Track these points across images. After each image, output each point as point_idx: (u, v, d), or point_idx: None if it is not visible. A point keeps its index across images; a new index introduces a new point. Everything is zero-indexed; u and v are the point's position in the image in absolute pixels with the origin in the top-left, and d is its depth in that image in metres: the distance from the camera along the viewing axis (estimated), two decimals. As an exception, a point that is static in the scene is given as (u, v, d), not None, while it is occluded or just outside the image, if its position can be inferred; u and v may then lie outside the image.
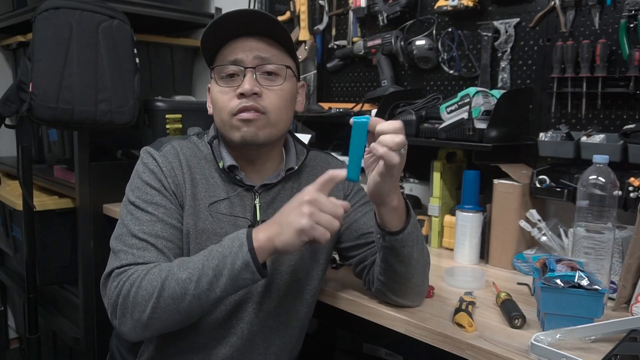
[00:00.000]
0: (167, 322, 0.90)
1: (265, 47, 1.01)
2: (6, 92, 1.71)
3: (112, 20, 1.73)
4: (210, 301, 0.88)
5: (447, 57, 1.63)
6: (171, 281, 0.88)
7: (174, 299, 0.87)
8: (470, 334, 0.95)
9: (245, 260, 0.86)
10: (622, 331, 0.87)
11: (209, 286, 0.87)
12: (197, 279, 0.87)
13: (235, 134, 1.01)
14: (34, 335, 1.91)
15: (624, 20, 1.26)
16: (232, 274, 0.86)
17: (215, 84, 1.03)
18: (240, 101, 0.99)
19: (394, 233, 0.96)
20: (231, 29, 1.00)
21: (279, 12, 2.07)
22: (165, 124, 1.94)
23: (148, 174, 1.01)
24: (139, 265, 0.93)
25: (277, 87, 1.02)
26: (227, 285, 0.87)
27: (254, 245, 0.86)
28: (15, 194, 2.11)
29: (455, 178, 1.54)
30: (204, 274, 0.87)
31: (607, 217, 1.08)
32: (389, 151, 0.85)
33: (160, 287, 0.88)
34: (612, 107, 1.32)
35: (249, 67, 0.99)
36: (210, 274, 0.86)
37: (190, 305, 0.87)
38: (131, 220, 0.97)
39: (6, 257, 2.65)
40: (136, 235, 0.95)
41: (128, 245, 0.95)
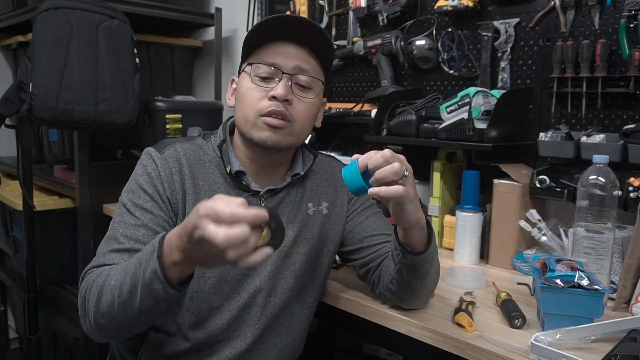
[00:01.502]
0: (111, 328, 0.88)
1: (306, 58, 1.01)
2: (6, 92, 1.71)
3: (112, 20, 1.73)
4: (135, 310, 0.82)
5: (447, 57, 1.63)
6: (106, 287, 0.86)
7: (108, 305, 0.85)
8: (470, 334, 0.95)
9: (153, 269, 0.77)
10: (622, 331, 0.87)
11: (129, 295, 0.81)
12: (120, 287, 0.83)
13: (257, 134, 0.99)
14: (34, 335, 1.91)
15: (624, 20, 1.26)
16: (144, 284, 0.79)
17: (248, 80, 1.01)
18: (271, 103, 0.98)
19: (416, 253, 0.95)
20: (278, 31, 0.99)
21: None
22: (165, 124, 1.94)
23: (145, 177, 1.00)
24: (105, 267, 0.92)
25: (308, 99, 1.02)
26: (142, 295, 0.80)
27: (165, 259, 0.77)
28: (15, 194, 2.11)
29: (455, 178, 1.54)
30: (125, 282, 0.82)
31: (607, 217, 1.08)
32: (388, 189, 0.84)
33: (99, 292, 0.86)
34: (612, 107, 1.32)
35: (286, 73, 0.99)
36: (129, 282, 0.82)
37: (120, 313, 0.84)
38: (119, 222, 0.97)
39: (6, 257, 2.64)
40: (117, 239, 0.95)
41: (108, 246, 0.95)
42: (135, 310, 0.82)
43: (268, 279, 1.03)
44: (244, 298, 1.02)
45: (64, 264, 2.12)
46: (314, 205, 1.10)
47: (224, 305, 1.01)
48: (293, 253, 1.06)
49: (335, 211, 1.13)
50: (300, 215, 1.08)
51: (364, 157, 0.87)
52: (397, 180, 0.85)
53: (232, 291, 1.02)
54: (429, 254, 0.96)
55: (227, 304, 1.01)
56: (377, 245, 1.10)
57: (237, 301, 1.02)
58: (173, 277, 0.79)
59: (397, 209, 0.89)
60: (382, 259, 1.07)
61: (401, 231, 0.95)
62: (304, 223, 1.08)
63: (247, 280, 1.02)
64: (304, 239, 1.08)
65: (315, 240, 1.09)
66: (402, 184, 0.85)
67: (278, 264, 1.04)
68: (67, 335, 2.01)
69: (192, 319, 1.00)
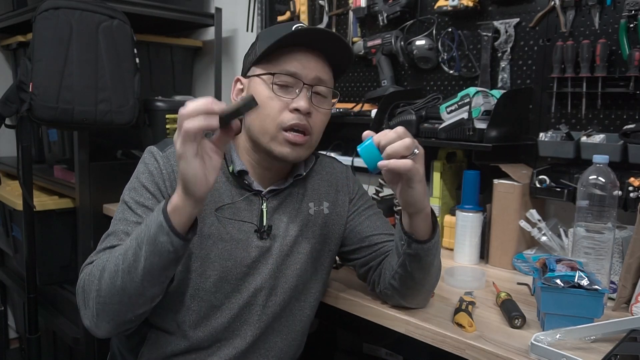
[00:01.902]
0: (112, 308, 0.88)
1: (324, 68, 1.01)
2: (6, 92, 1.71)
3: (112, 20, 1.73)
4: (139, 274, 0.84)
5: (447, 57, 1.63)
6: (109, 262, 0.87)
7: (111, 277, 0.86)
8: (470, 334, 0.95)
9: (158, 222, 0.82)
10: (622, 331, 0.87)
11: (134, 257, 0.84)
12: (124, 252, 0.86)
13: (277, 149, 0.99)
14: (34, 335, 1.91)
15: (624, 20, 1.26)
16: (150, 240, 0.83)
17: (265, 87, 0.99)
18: (293, 116, 0.97)
19: (422, 241, 0.95)
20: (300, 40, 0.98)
21: (279, 12, 2.07)
22: (165, 124, 1.94)
23: (147, 175, 1.00)
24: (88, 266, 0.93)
25: (324, 109, 1.03)
26: (148, 253, 0.83)
27: (168, 208, 0.83)
28: (15, 194, 2.11)
29: (455, 178, 1.54)
30: (130, 246, 0.85)
31: (607, 217, 1.08)
32: (397, 161, 0.85)
33: (101, 269, 0.88)
34: (612, 107, 1.32)
35: (307, 84, 0.99)
36: (134, 245, 0.85)
37: (123, 282, 0.85)
38: (120, 220, 0.97)
39: (6, 257, 2.64)
40: (117, 235, 0.95)
41: (107, 242, 0.95)
42: (139, 273, 0.84)
43: (269, 278, 1.03)
44: (244, 297, 1.02)
45: (64, 264, 2.12)
46: (315, 205, 1.10)
47: (225, 304, 1.01)
48: (294, 252, 1.06)
49: (337, 211, 1.13)
50: (302, 215, 1.08)
51: (379, 134, 0.88)
52: (408, 155, 0.86)
53: (233, 290, 1.01)
54: (434, 242, 0.97)
55: (227, 302, 1.01)
56: (377, 244, 1.10)
57: (237, 300, 1.02)
58: (177, 226, 0.82)
59: (405, 188, 0.90)
60: (383, 258, 1.07)
61: (407, 219, 0.96)
62: (305, 223, 1.08)
63: (248, 278, 1.02)
64: (305, 238, 1.08)
65: (317, 239, 1.10)
66: (412, 160, 0.86)
67: (279, 263, 1.04)
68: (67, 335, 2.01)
69: (193, 318, 1.00)
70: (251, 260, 1.02)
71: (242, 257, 1.01)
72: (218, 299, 1.01)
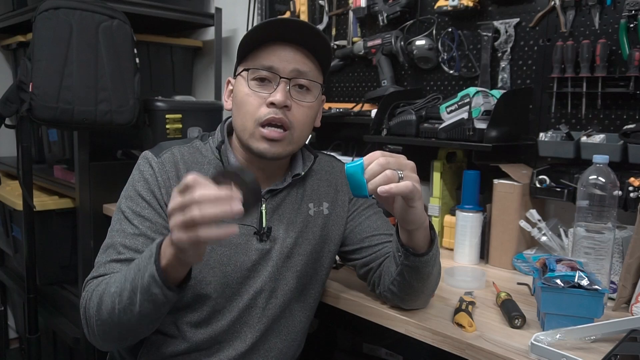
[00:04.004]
0: (114, 334, 0.90)
1: (303, 60, 0.98)
2: (6, 92, 1.71)
3: (112, 20, 1.73)
4: (135, 316, 0.84)
5: (447, 57, 1.63)
6: (105, 295, 0.87)
7: (109, 313, 0.87)
8: (470, 334, 0.95)
9: (151, 274, 0.80)
10: (622, 331, 0.87)
11: (129, 300, 0.83)
12: (120, 292, 0.85)
13: (255, 145, 0.98)
14: (34, 335, 1.91)
15: (624, 20, 1.26)
16: (143, 289, 0.81)
17: (244, 84, 0.99)
18: (269, 111, 0.96)
19: (420, 254, 0.95)
20: (274, 33, 0.97)
21: (279, 12, 2.07)
22: (165, 124, 1.94)
23: (142, 183, 0.99)
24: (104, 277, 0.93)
25: (307, 103, 1.00)
26: (142, 300, 0.82)
27: (162, 262, 0.79)
28: (15, 194, 2.11)
29: (455, 178, 1.54)
30: (125, 288, 0.84)
31: (607, 217, 1.08)
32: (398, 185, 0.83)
33: (98, 301, 0.88)
34: (612, 107, 1.32)
35: (284, 77, 0.97)
36: (129, 288, 0.83)
37: (121, 319, 0.86)
38: (117, 231, 0.97)
39: (6, 257, 2.64)
40: (116, 248, 0.95)
41: (107, 256, 0.95)
42: (135, 315, 0.84)
43: (269, 280, 1.03)
44: (245, 300, 1.02)
45: (64, 264, 2.12)
46: (315, 206, 1.10)
47: (226, 307, 1.01)
48: (294, 254, 1.06)
49: (336, 211, 1.12)
50: (301, 215, 1.07)
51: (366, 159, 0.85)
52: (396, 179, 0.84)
53: (234, 293, 1.01)
54: (432, 255, 0.96)
55: (228, 306, 1.01)
56: (378, 245, 1.09)
57: (238, 303, 1.01)
58: (170, 279, 0.81)
59: (405, 208, 0.88)
60: (383, 259, 1.07)
61: (404, 233, 0.94)
62: (305, 224, 1.08)
63: (249, 282, 1.02)
64: (305, 239, 1.07)
65: (317, 240, 1.09)
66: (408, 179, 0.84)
67: (279, 264, 1.04)
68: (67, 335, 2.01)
69: (193, 321, 1.00)
70: (251, 263, 1.01)
71: (242, 261, 1.01)
72: (219, 303, 1.01)
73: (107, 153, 2.12)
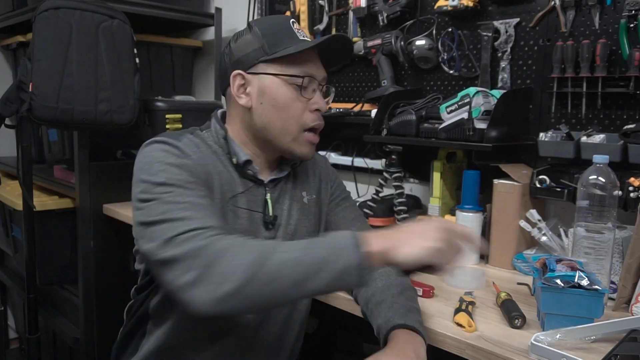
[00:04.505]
0: (248, 303, 0.79)
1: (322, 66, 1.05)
2: (6, 92, 1.71)
3: (112, 20, 1.73)
4: (301, 292, 0.79)
5: (447, 57, 1.63)
6: (266, 261, 0.78)
7: (266, 279, 0.77)
8: (470, 334, 0.95)
9: (357, 262, 0.77)
10: (622, 331, 0.87)
11: (305, 276, 0.77)
12: (296, 265, 0.77)
13: (299, 149, 1.03)
14: (34, 335, 1.91)
15: (624, 20, 1.26)
16: (336, 272, 0.77)
17: (287, 88, 1.00)
18: (315, 117, 1.02)
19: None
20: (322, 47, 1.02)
21: (278, 12, 2.07)
22: (165, 124, 1.94)
23: (174, 158, 0.93)
24: (211, 230, 0.82)
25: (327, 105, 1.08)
26: (326, 281, 0.77)
27: (368, 250, 0.78)
28: (15, 194, 2.11)
29: (455, 178, 1.54)
30: (308, 263, 0.78)
31: (607, 217, 1.08)
32: None
33: (252, 263, 0.77)
34: (612, 107, 1.32)
35: (320, 84, 1.04)
36: (315, 266, 0.77)
37: (281, 290, 0.78)
38: (171, 197, 0.87)
39: (6, 257, 2.64)
40: (186, 207, 0.85)
41: (183, 212, 0.84)
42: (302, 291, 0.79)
43: None
44: None
45: (64, 264, 2.12)
46: (308, 194, 1.13)
47: None
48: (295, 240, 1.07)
49: (321, 199, 1.16)
50: (299, 203, 1.10)
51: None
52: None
53: None
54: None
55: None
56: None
57: None
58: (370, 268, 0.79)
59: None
60: None
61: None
62: (301, 211, 1.10)
63: None
64: (303, 227, 1.10)
65: (313, 228, 1.12)
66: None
67: None
68: (67, 335, 2.01)
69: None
70: None
71: None
72: None
73: (107, 153, 2.12)
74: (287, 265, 0.78)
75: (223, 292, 0.77)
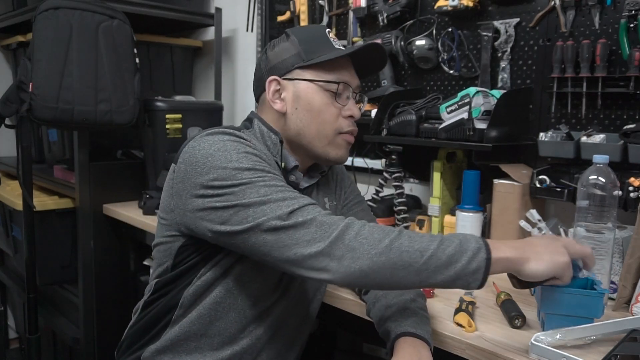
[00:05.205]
0: (376, 281, 0.83)
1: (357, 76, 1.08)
2: (6, 92, 1.71)
3: (112, 20, 1.73)
4: (424, 283, 0.83)
5: (447, 57, 1.63)
6: (397, 245, 0.81)
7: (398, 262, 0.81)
8: (470, 334, 0.95)
9: (478, 266, 0.80)
10: (622, 331, 0.87)
11: (435, 269, 0.80)
12: (428, 257, 0.80)
13: (334, 151, 1.05)
14: (34, 335, 1.91)
15: (624, 20, 1.26)
16: (459, 271, 0.80)
17: (322, 94, 1.02)
18: (349, 123, 1.05)
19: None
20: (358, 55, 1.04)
21: (278, 12, 2.07)
22: (165, 124, 1.94)
23: (249, 148, 0.93)
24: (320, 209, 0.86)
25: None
26: (449, 277, 0.81)
27: (492, 256, 0.81)
28: (15, 194, 2.11)
29: (455, 178, 1.54)
30: (436, 256, 0.81)
31: (607, 217, 1.08)
32: None
33: (386, 244, 0.81)
34: (612, 107, 1.32)
35: (355, 92, 1.06)
36: (444, 259, 0.80)
37: (405, 276, 0.81)
38: (265, 181, 0.87)
39: (6, 257, 2.65)
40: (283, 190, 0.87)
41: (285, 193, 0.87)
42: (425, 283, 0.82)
43: None
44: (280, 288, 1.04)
45: (64, 264, 2.12)
46: (329, 200, 1.15)
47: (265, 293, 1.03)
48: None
49: (338, 205, 1.18)
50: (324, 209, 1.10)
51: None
52: None
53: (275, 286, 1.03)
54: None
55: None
56: None
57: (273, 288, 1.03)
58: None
59: None
60: None
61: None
62: None
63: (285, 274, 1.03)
64: None
65: None
66: None
67: None
68: (67, 335, 2.01)
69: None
70: None
71: None
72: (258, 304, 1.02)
73: (107, 153, 2.12)
74: (417, 255, 0.81)
75: (357, 269, 0.81)
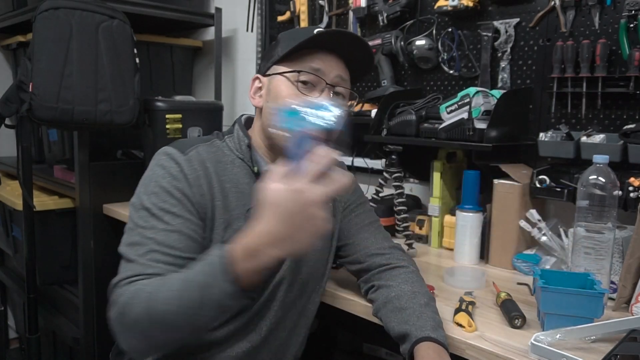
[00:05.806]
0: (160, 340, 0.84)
1: (344, 69, 1.02)
2: (6, 92, 1.71)
3: (112, 20, 1.73)
4: (198, 330, 0.83)
5: (447, 57, 1.63)
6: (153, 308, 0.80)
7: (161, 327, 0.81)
8: (470, 334, 0.95)
9: (231, 290, 0.76)
10: (622, 331, 0.87)
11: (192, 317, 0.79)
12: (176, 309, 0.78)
13: None
14: (34, 335, 1.91)
15: (624, 20, 1.26)
16: (217, 303, 0.77)
17: (289, 85, 0.99)
18: None
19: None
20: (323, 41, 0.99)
21: (278, 12, 2.07)
22: (165, 124, 1.94)
23: (169, 180, 0.94)
24: (144, 279, 0.86)
25: None
26: (213, 313, 0.79)
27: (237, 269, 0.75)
28: (15, 194, 2.11)
29: (455, 178, 1.54)
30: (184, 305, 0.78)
31: (607, 217, 1.08)
32: None
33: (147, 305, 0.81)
34: (612, 107, 1.32)
35: (329, 84, 1.00)
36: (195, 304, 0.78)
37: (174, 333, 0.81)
38: (145, 228, 0.91)
39: (6, 257, 2.64)
40: (147, 245, 0.89)
41: (139, 254, 0.89)
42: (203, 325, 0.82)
43: (289, 273, 1.05)
44: (266, 294, 1.03)
45: (64, 264, 2.12)
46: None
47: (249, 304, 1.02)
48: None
49: (335, 205, 1.14)
50: None
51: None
52: None
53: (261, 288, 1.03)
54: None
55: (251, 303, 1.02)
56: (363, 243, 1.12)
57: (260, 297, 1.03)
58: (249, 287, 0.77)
59: None
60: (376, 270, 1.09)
61: None
62: None
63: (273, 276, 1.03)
64: None
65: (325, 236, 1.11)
66: None
67: (297, 259, 1.05)
68: (67, 335, 2.01)
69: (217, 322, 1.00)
70: None
71: None
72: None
73: (107, 153, 2.12)
74: (171, 310, 0.78)
75: (132, 345, 0.86)
